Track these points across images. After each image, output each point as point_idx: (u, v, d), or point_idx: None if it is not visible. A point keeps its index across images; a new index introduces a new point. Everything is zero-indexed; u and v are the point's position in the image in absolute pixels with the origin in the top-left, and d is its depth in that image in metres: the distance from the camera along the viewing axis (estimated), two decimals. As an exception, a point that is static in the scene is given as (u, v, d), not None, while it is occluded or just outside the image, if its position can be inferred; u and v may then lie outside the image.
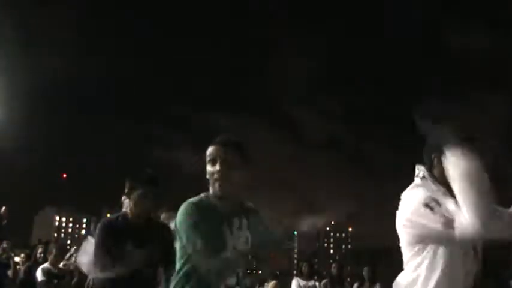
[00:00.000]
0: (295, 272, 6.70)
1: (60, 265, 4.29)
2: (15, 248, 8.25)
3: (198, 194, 1.60)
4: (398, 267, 1.62)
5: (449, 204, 1.47)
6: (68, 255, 4.38)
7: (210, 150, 1.55)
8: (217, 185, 1.52)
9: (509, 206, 1.50)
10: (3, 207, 6.14)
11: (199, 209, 1.52)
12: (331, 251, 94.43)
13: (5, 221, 6.36)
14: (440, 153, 1.53)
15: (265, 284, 6.42)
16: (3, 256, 5.80)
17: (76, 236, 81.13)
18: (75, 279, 4.13)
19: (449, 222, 1.43)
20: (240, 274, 1.56)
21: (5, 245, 5.92)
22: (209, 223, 1.50)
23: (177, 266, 1.55)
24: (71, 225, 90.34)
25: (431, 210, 1.49)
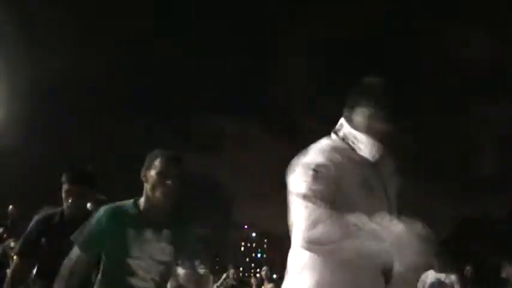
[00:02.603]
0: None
1: None
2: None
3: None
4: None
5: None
6: None
7: (161, 163, 1.71)
8: (163, 197, 1.69)
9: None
10: (11, 206, 6.14)
11: (120, 215, 1.73)
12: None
13: (9, 220, 6.36)
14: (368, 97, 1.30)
15: (262, 286, 6.44)
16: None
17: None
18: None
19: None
20: (158, 280, 1.71)
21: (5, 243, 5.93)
22: (127, 230, 1.70)
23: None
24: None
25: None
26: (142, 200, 1.75)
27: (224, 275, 6.57)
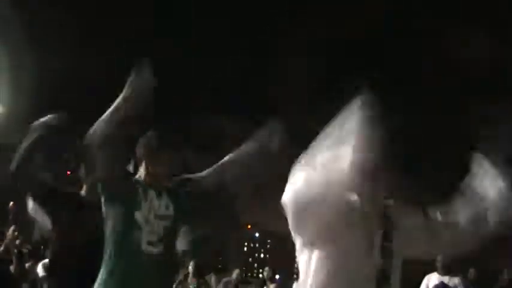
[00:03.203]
0: (295, 276, 6.71)
1: None
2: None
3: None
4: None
5: None
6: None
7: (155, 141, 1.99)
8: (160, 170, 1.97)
9: None
10: (11, 203, 6.14)
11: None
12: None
13: (11, 216, 6.36)
14: None
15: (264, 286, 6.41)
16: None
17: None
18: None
19: None
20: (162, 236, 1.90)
21: (7, 240, 5.90)
22: (138, 187, 1.93)
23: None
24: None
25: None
26: (141, 174, 1.98)
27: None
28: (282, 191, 1.40)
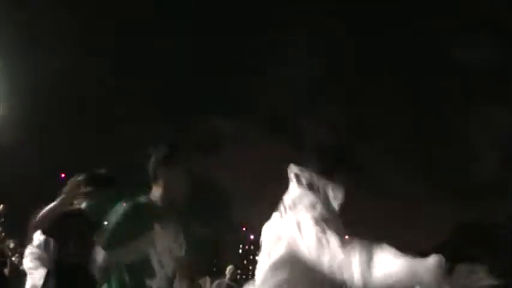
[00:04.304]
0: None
1: None
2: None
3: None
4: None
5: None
6: None
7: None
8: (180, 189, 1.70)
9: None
10: (1, 205, 6.14)
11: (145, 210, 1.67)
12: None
13: (3, 219, 6.35)
14: None
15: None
16: None
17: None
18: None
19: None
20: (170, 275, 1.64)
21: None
22: (154, 224, 1.63)
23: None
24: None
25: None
26: (157, 195, 1.69)
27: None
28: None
